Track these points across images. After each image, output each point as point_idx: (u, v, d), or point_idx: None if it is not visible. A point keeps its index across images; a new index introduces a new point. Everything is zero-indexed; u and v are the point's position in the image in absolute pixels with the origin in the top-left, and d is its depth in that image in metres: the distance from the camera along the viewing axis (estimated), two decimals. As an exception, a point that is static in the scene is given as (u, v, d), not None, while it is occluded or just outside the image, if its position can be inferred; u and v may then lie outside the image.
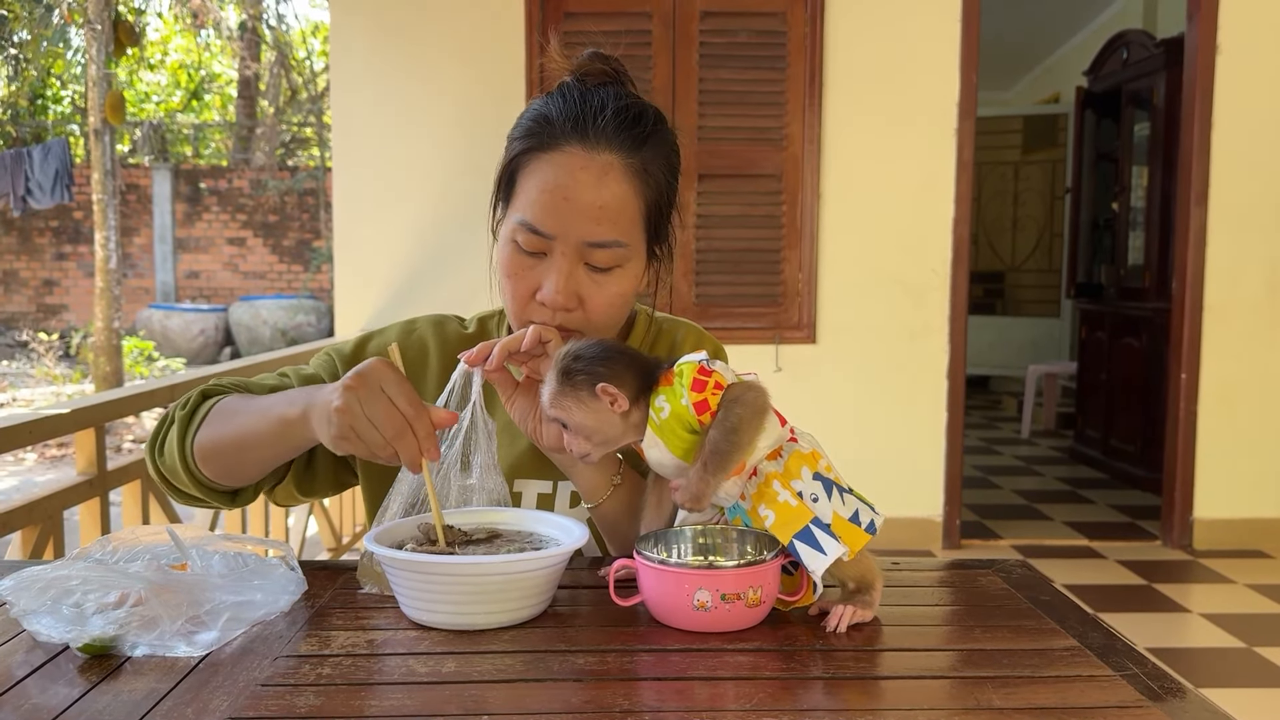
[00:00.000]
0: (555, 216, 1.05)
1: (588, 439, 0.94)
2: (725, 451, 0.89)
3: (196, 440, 1.08)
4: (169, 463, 1.11)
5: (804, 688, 0.78)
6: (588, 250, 1.06)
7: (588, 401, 0.93)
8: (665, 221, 1.14)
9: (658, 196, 1.10)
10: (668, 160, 1.11)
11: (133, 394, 2.58)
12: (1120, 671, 0.81)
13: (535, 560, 0.90)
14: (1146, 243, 5.33)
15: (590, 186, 1.05)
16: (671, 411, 0.92)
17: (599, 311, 1.08)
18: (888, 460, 4.17)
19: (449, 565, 0.88)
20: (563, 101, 1.08)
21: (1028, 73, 8.74)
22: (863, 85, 4.10)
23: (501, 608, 0.89)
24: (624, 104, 1.09)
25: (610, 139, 1.06)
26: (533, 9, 4.06)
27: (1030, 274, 8.06)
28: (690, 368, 0.92)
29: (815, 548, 0.88)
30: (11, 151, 8.26)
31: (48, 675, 0.80)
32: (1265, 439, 4.20)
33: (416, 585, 0.89)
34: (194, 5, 10.94)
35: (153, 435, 1.14)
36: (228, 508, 1.16)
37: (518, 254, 1.08)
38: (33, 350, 10.84)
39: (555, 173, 1.05)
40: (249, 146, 13.51)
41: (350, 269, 4.27)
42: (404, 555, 0.90)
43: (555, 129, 1.06)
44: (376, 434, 0.92)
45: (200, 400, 1.12)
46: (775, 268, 4.15)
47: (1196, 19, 4.10)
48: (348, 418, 0.92)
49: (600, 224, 1.05)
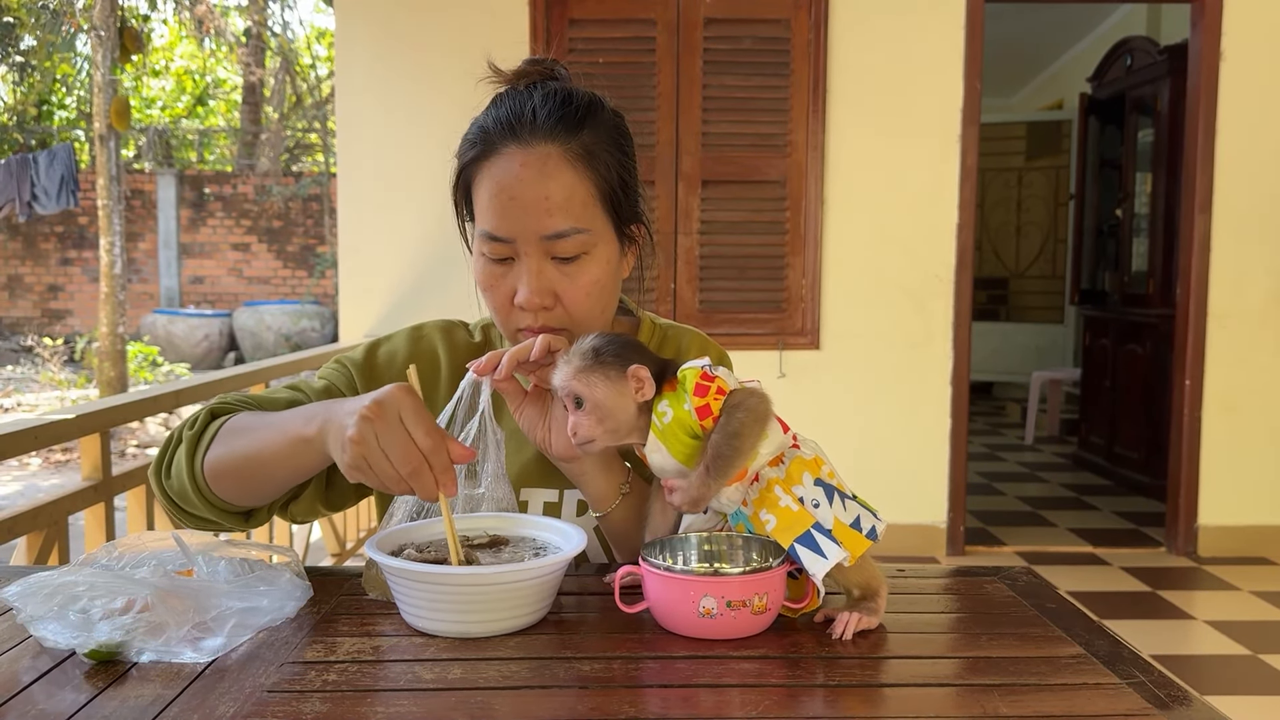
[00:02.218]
0: (508, 219, 1.05)
1: (600, 422, 0.93)
2: (727, 456, 0.89)
3: (207, 459, 1.05)
4: (177, 485, 1.07)
5: (809, 695, 0.78)
6: (548, 244, 1.06)
7: (615, 380, 0.93)
8: (631, 201, 1.13)
9: (610, 177, 1.09)
10: (612, 140, 1.10)
11: (137, 399, 2.59)
12: (1126, 679, 0.81)
13: (534, 569, 0.89)
14: (1150, 249, 5.33)
15: (533, 182, 1.05)
16: (674, 416, 0.92)
17: (577, 303, 1.08)
18: (892, 466, 4.17)
19: (448, 575, 0.88)
20: (496, 109, 1.09)
21: (1031, 79, 8.74)
22: (866, 92, 4.10)
23: (501, 615, 0.89)
24: (550, 92, 1.09)
25: (543, 130, 1.06)
26: (537, 17, 4.07)
27: (1034, 280, 8.06)
28: (693, 373, 0.93)
29: (816, 551, 0.88)
30: (17, 157, 8.28)
31: (54, 681, 0.80)
32: (1270, 445, 4.19)
33: (417, 594, 0.89)
34: (199, 12, 10.97)
35: (157, 459, 1.10)
36: (241, 529, 1.13)
37: (488, 265, 1.09)
38: (37, 355, 10.86)
39: (499, 176, 1.06)
40: (253, 152, 13.53)
41: (354, 274, 4.28)
42: (403, 564, 0.89)
43: (491, 135, 1.07)
44: (391, 468, 0.90)
45: (209, 420, 1.09)
46: (779, 274, 4.15)
47: (1200, 26, 4.11)
48: (361, 449, 0.90)
49: (552, 215, 1.05)
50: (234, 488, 1.06)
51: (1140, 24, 6.49)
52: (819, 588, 0.90)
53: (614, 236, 1.11)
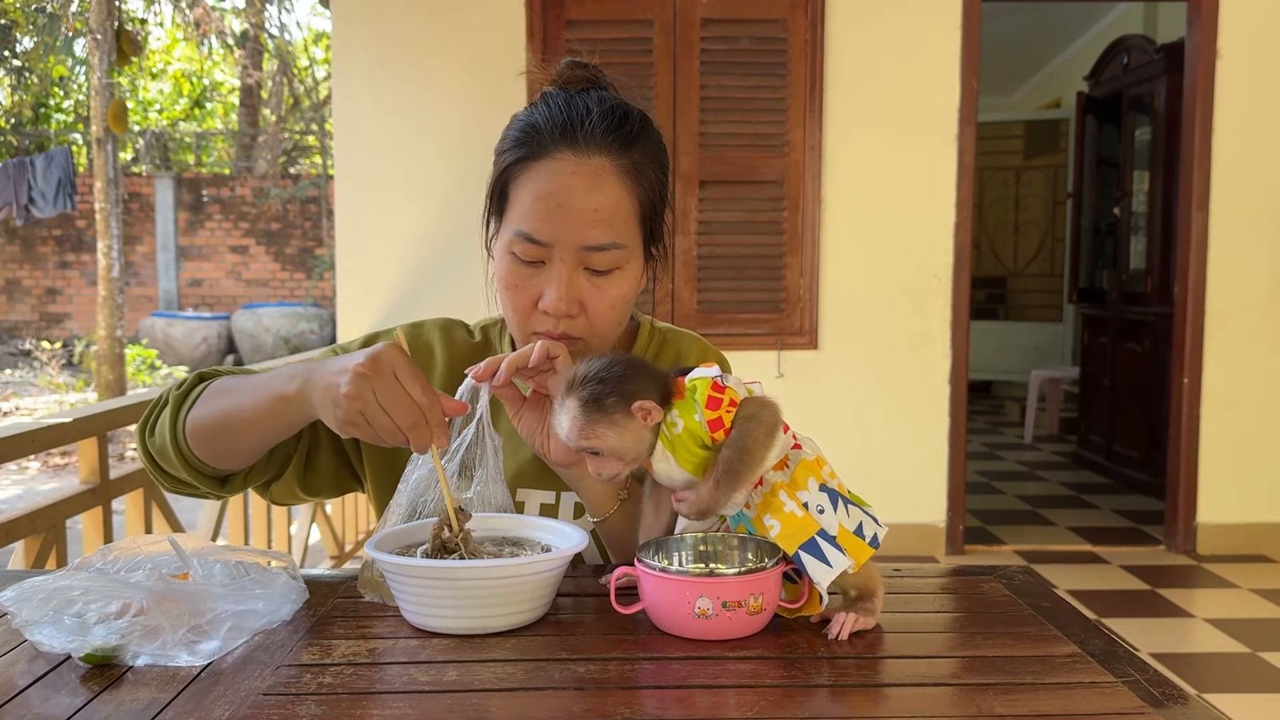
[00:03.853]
0: (552, 223, 1.05)
1: (620, 459, 0.92)
2: (739, 471, 0.89)
3: (189, 418, 1.06)
4: (159, 443, 1.09)
5: (805, 695, 0.78)
6: (586, 255, 1.06)
7: (623, 424, 0.90)
8: (659, 220, 1.14)
9: (651, 196, 1.10)
10: (657, 159, 1.12)
11: (136, 402, 2.59)
12: (1122, 678, 0.81)
13: (537, 563, 0.89)
14: (1148, 248, 5.33)
15: (584, 191, 1.05)
16: (685, 427, 0.91)
17: (601, 315, 1.08)
18: (890, 466, 4.17)
19: (450, 569, 0.88)
20: (548, 109, 1.08)
21: (1029, 78, 8.75)
22: (864, 91, 4.10)
23: (502, 611, 0.89)
24: (609, 106, 1.09)
25: (600, 142, 1.06)
26: (534, 18, 4.07)
27: (1032, 279, 8.06)
28: (704, 384, 0.91)
29: (821, 560, 0.88)
30: (14, 160, 8.28)
31: (50, 685, 0.80)
32: (1268, 443, 4.19)
33: (418, 590, 0.89)
34: (197, 14, 10.97)
35: (144, 416, 1.12)
36: (216, 495, 1.14)
37: (516, 265, 1.08)
38: (36, 359, 10.86)
39: (548, 180, 1.05)
40: (251, 154, 13.53)
41: (352, 277, 4.28)
42: (404, 560, 0.89)
43: (544, 137, 1.06)
44: (389, 421, 0.92)
45: (196, 382, 1.11)
46: (777, 274, 4.15)
47: (1197, 25, 4.11)
48: (358, 404, 0.91)
49: (597, 227, 1.05)
50: (213, 448, 1.06)
51: (1137, 22, 6.49)
52: (822, 594, 0.89)
53: (642, 254, 1.12)
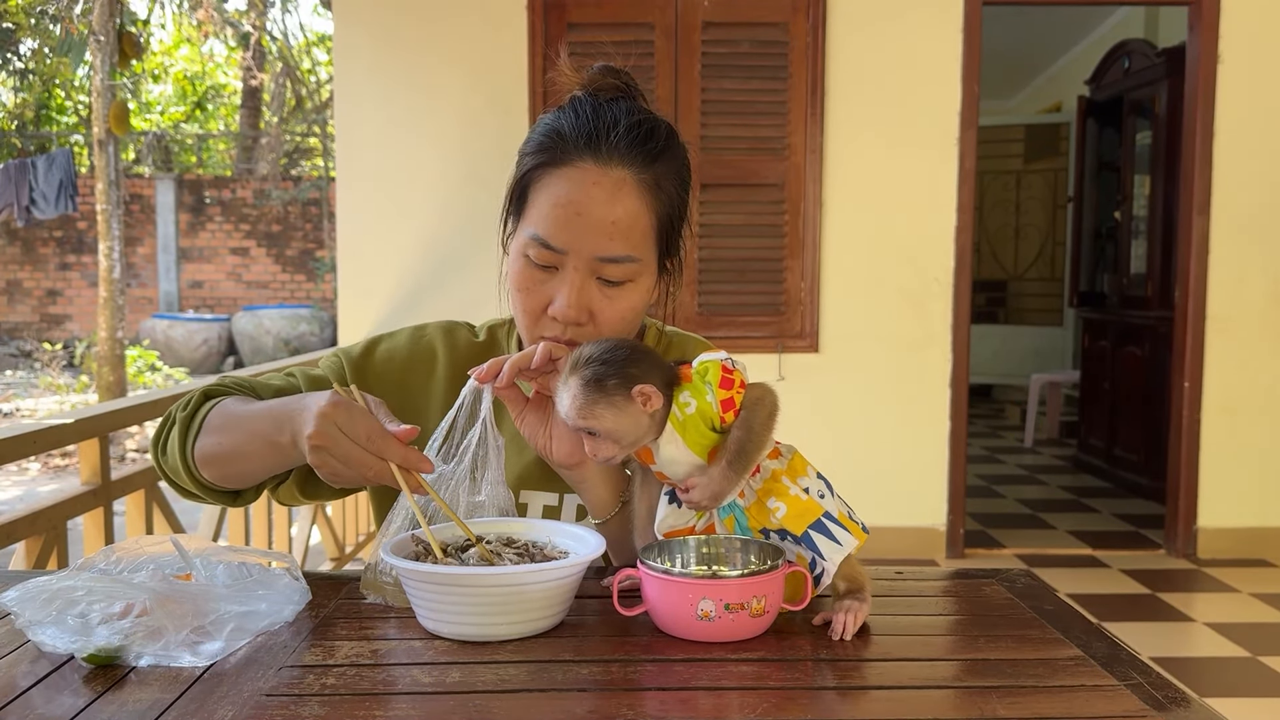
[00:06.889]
0: (568, 231, 1.05)
1: (616, 443, 0.93)
2: (749, 452, 0.90)
3: (196, 447, 1.09)
4: (172, 463, 1.12)
5: (808, 698, 0.78)
6: (600, 265, 1.06)
7: (622, 406, 0.91)
8: (676, 235, 1.14)
9: (670, 211, 1.10)
10: (679, 175, 1.11)
11: (136, 404, 2.59)
12: (1125, 681, 0.81)
13: (561, 569, 0.89)
14: (1149, 251, 5.33)
15: (603, 202, 1.05)
16: (697, 408, 0.92)
17: (610, 325, 1.08)
18: (891, 469, 4.17)
19: (473, 576, 0.87)
20: (575, 116, 1.08)
21: (1029, 82, 8.75)
22: (865, 95, 4.11)
23: (525, 617, 0.88)
24: (637, 119, 1.08)
25: (623, 155, 1.06)
26: (536, 21, 4.07)
27: (1033, 283, 8.06)
28: (715, 366, 0.93)
29: (830, 538, 0.91)
30: (16, 162, 8.28)
31: (53, 686, 0.80)
32: (1269, 447, 4.19)
33: (440, 598, 0.87)
34: (199, 16, 10.98)
35: (156, 433, 1.15)
36: (231, 506, 1.17)
37: (529, 268, 1.08)
38: (37, 360, 10.87)
39: (568, 188, 1.05)
40: (252, 156, 13.53)
41: (353, 279, 4.28)
42: (427, 567, 0.88)
43: (568, 144, 1.06)
44: (357, 475, 0.96)
45: (201, 401, 1.13)
46: (778, 277, 4.15)
47: (1198, 29, 4.11)
48: (326, 470, 0.96)
49: (613, 239, 1.05)
50: (221, 473, 1.10)
51: (1138, 26, 6.50)
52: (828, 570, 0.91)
53: (656, 267, 1.12)
